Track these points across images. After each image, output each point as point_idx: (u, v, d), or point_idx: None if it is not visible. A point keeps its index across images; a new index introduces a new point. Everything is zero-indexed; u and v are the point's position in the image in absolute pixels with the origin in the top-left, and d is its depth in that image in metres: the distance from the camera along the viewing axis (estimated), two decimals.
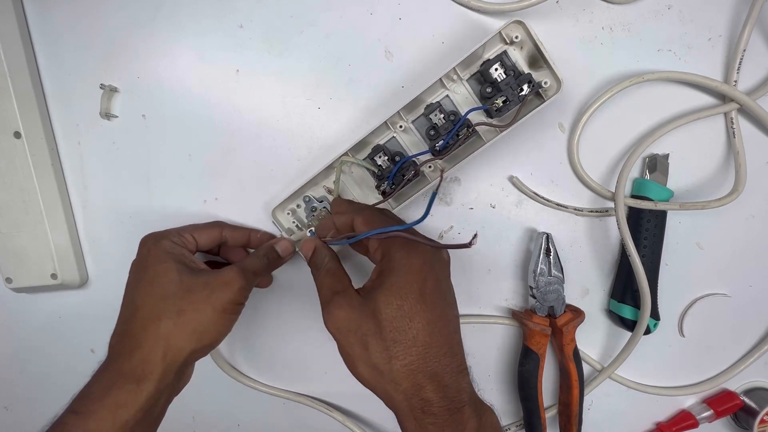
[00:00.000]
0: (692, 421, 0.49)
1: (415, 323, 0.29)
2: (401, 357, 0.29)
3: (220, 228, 0.41)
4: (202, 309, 0.34)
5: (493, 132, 0.39)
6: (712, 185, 0.44)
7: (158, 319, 0.33)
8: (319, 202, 0.43)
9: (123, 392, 0.32)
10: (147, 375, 0.33)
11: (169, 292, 0.34)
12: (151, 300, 0.34)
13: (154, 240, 0.37)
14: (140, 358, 0.33)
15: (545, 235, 0.44)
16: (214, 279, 0.35)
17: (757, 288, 0.47)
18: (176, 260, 0.36)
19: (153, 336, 0.33)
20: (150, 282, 0.35)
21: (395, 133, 0.41)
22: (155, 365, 0.33)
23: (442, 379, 0.29)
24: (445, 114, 0.39)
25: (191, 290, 0.34)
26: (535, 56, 0.38)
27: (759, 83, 0.42)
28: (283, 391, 0.50)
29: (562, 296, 0.44)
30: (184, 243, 0.38)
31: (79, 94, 0.44)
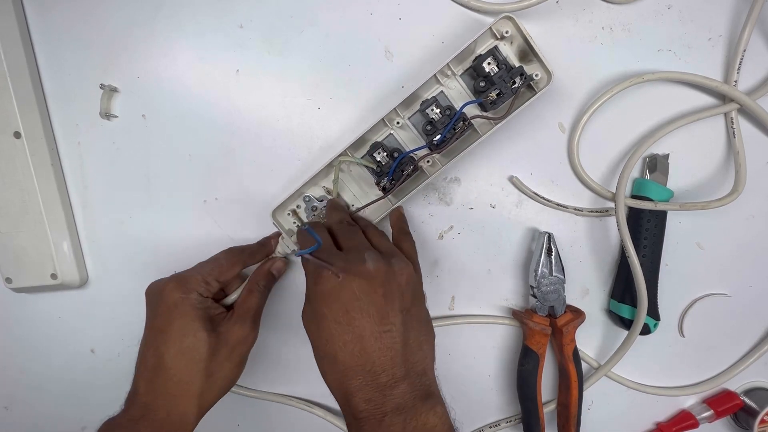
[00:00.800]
0: (692, 421, 0.49)
1: (333, 345, 0.31)
2: (329, 372, 0.32)
3: (243, 263, 0.41)
4: (226, 367, 0.38)
5: (489, 125, 0.40)
6: (712, 185, 0.44)
7: (192, 381, 0.36)
8: (319, 202, 0.43)
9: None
10: (184, 427, 0.36)
11: (201, 356, 0.36)
12: (183, 361, 0.36)
13: (181, 292, 0.38)
14: (179, 415, 0.36)
15: (547, 234, 0.44)
16: (232, 337, 0.38)
17: (757, 288, 0.47)
18: (203, 318, 0.37)
19: (189, 396, 0.36)
20: (179, 339, 0.37)
21: (392, 130, 0.41)
22: (191, 419, 0.37)
23: (366, 393, 0.30)
24: (441, 109, 0.39)
25: (217, 350, 0.37)
26: (525, 50, 0.39)
27: (759, 83, 0.42)
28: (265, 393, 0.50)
29: (562, 296, 0.44)
30: (209, 292, 0.39)
31: (79, 94, 0.44)
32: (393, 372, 0.31)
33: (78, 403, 0.53)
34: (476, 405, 0.50)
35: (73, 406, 0.53)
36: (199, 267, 0.40)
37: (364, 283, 0.31)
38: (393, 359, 0.31)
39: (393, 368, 0.31)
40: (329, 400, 0.50)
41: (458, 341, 0.48)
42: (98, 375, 0.52)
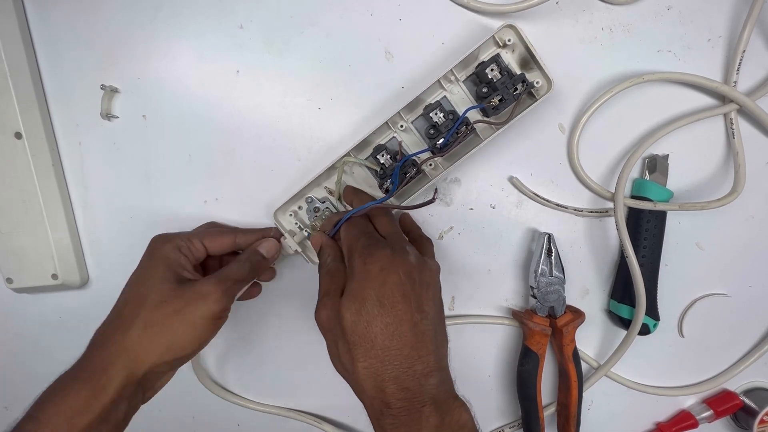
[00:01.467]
0: (692, 421, 0.49)
1: (373, 327, 0.30)
2: (361, 359, 0.30)
3: (233, 236, 0.40)
4: (170, 322, 0.33)
5: (490, 129, 0.40)
6: (711, 186, 0.44)
7: (127, 328, 0.33)
8: (321, 203, 0.43)
9: (79, 398, 0.31)
10: (105, 384, 0.32)
11: (146, 301, 0.34)
12: (127, 308, 0.34)
13: (160, 242, 0.37)
14: (101, 365, 0.32)
15: (547, 235, 0.44)
16: (189, 291, 0.34)
17: (757, 288, 0.47)
18: (166, 267, 0.35)
19: (118, 344, 0.33)
20: (133, 286, 0.35)
21: (396, 133, 0.41)
22: (115, 374, 0.32)
23: (403, 382, 0.30)
24: (445, 113, 0.39)
25: (165, 301, 0.34)
26: (526, 58, 0.39)
27: (759, 84, 0.42)
28: (272, 407, 0.51)
29: (562, 297, 0.44)
30: (190, 250, 0.38)
31: (79, 95, 0.45)
32: (428, 360, 0.31)
33: None
34: (476, 405, 0.49)
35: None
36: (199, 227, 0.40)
37: (408, 270, 0.32)
38: (427, 347, 0.31)
39: (428, 356, 0.31)
40: (337, 414, 0.51)
41: (458, 341, 0.48)
42: None
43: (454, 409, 0.30)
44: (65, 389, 0.32)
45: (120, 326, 0.34)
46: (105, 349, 0.33)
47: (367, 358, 0.30)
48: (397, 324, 0.30)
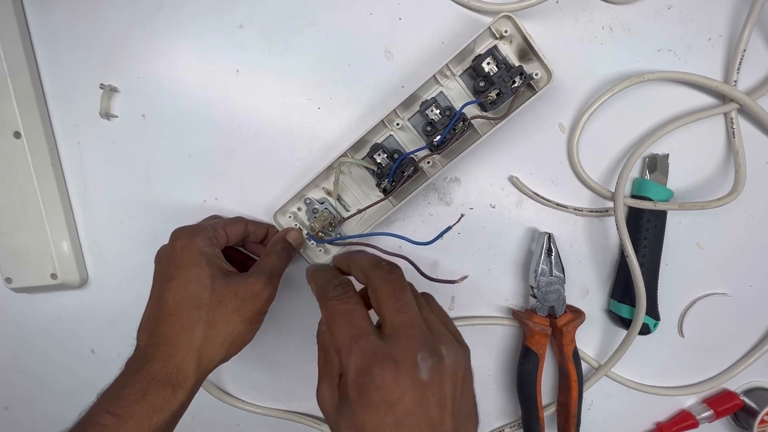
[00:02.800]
0: (692, 421, 0.49)
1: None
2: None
3: (245, 223, 0.41)
4: (233, 320, 0.35)
5: (489, 125, 0.40)
6: (711, 185, 0.44)
7: (192, 329, 0.34)
8: (320, 204, 0.43)
9: (159, 398, 0.32)
10: (181, 383, 0.33)
11: (203, 301, 0.34)
12: (184, 307, 0.34)
13: (188, 236, 0.36)
14: (175, 366, 0.33)
15: (547, 235, 0.44)
16: (244, 289, 0.35)
17: (757, 288, 0.47)
18: (209, 263, 0.35)
19: (187, 345, 0.34)
20: (182, 285, 0.35)
21: (392, 131, 0.41)
22: (190, 374, 0.34)
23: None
24: (441, 109, 0.39)
25: (223, 300, 0.35)
26: (524, 49, 0.39)
27: (759, 83, 0.42)
28: (271, 410, 0.51)
29: (562, 296, 0.44)
30: (217, 240, 0.38)
31: (79, 94, 0.44)
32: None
33: (78, 403, 0.52)
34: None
35: (73, 406, 0.52)
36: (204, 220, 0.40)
37: (418, 394, 0.26)
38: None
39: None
40: None
41: None
42: (98, 375, 0.51)
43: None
44: (143, 386, 0.32)
45: (184, 327, 0.34)
46: (175, 350, 0.34)
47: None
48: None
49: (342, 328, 0.29)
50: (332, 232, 0.43)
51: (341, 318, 0.30)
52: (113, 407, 0.32)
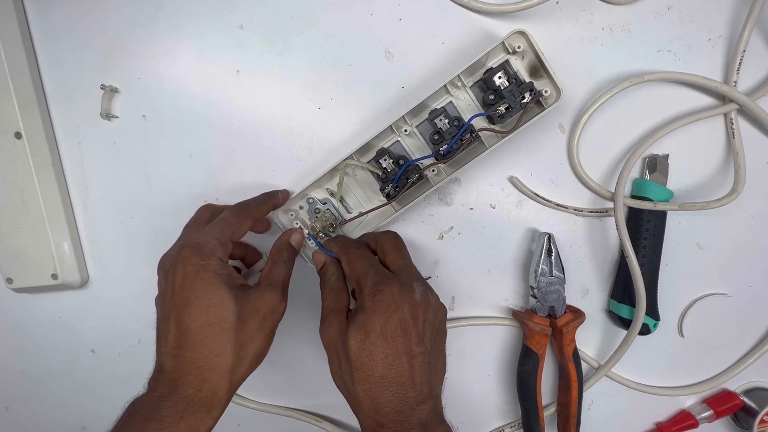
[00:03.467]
0: (692, 421, 0.49)
1: (374, 357, 0.33)
2: (361, 383, 0.33)
3: (251, 217, 0.40)
4: (258, 338, 0.36)
5: (495, 137, 0.40)
6: (711, 185, 0.44)
7: (223, 353, 0.35)
8: (322, 204, 0.43)
9: (195, 419, 0.33)
10: (216, 403, 0.35)
11: (230, 325, 0.35)
12: (211, 332, 0.35)
13: (199, 258, 0.35)
14: (210, 389, 0.34)
15: (547, 235, 0.44)
16: (263, 306, 0.36)
17: (757, 288, 0.47)
18: (228, 285, 0.35)
19: (220, 369, 0.35)
20: (205, 311, 0.35)
21: (400, 137, 0.41)
22: (223, 395, 0.35)
23: (396, 405, 0.33)
24: (450, 119, 0.39)
25: (247, 320, 0.35)
26: (536, 66, 0.39)
27: (759, 84, 0.42)
28: (271, 406, 0.51)
29: (562, 296, 0.44)
30: (226, 255, 0.37)
31: (79, 95, 0.45)
32: (421, 389, 0.34)
33: (78, 403, 0.53)
34: (476, 405, 0.50)
35: (73, 406, 0.53)
36: (209, 230, 0.38)
37: (412, 307, 0.34)
38: (422, 377, 0.34)
39: (421, 386, 0.34)
40: (336, 413, 0.52)
41: (458, 341, 0.48)
42: (98, 375, 0.52)
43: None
44: (179, 409, 0.33)
45: (214, 352, 0.35)
46: (209, 374, 0.34)
47: (367, 382, 0.33)
48: (396, 355, 0.33)
49: (361, 262, 0.37)
50: (333, 233, 0.43)
51: (360, 257, 0.38)
52: (150, 429, 0.32)
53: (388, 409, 0.33)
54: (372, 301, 0.34)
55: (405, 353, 0.33)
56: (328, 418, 0.51)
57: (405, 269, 0.37)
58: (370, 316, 0.34)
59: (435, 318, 0.36)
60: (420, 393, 0.33)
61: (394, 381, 0.33)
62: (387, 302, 0.34)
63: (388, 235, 0.41)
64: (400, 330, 0.34)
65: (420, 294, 0.35)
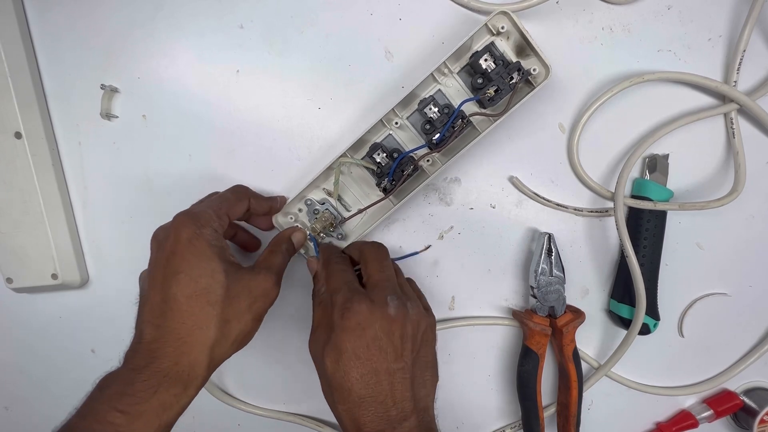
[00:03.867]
0: (692, 421, 0.49)
1: (350, 377, 0.32)
2: (341, 403, 0.33)
3: (248, 199, 0.40)
4: (245, 318, 0.35)
5: (488, 122, 0.40)
6: (711, 185, 0.44)
7: (206, 327, 0.33)
8: (320, 205, 0.43)
9: (169, 395, 0.32)
10: (192, 380, 0.33)
11: (217, 298, 0.34)
12: (197, 303, 0.33)
13: (194, 226, 0.34)
14: (188, 364, 0.33)
15: (547, 235, 0.44)
16: (256, 286, 0.36)
17: (757, 288, 0.47)
18: (221, 257, 0.34)
19: (201, 343, 0.33)
20: (194, 280, 0.33)
21: (391, 131, 0.41)
22: (201, 371, 0.33)
23: (378, 425, 0.32)
24: (440, 107, 0.39)
25: (236, 297, 0.34)
26: (522, 45, 0.38)
27: (759, 83, 0.42)
28: (272, 411, 0.51)
29: (562, 296, 0.44)
30: (223, 228, 0.36)
31: (79, 95, 0.45)
32: (403, 406, 0.33)
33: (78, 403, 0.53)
34: (476, 406, 0.50)
35: (73, 406, 0.53)
36: (207, 202, 0.38)
37: (385, 324, 0.33)
38: (403, 394, 0.33)
39: (403, 402, 0.33)
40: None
41: (458, 341, 0.48)
42: (98, 375, 0.51)
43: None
44: (153, 384, 0.32)
45: (197, 324, 0.33)
46: (188, 347, 0.33)
47: (346, 402, 0.33)
48: (372, 374, 0.32)
49: (337, 278, 0.37)
50: (333, 232, 0.43)
51: (337, 273, 0.37)
52: (122, 405, 0.31)
53: (370, 429, 0.32)
54: (341, 320, 0.33)
55: (382, 371, 0.33)
56: (330, 423, 0.51)
57: (381, 283, 0.36)
58: (340, 335, 0.33)
59: (416, 330, 0.35)
60: (402, 410, 0.33)
61: (373, 400, 0.32)
62: (356, 321, 0.33)
63: (372, 246, 0.40)
64: (374, 348, 0.33)
65: (395, 308, 0.34)
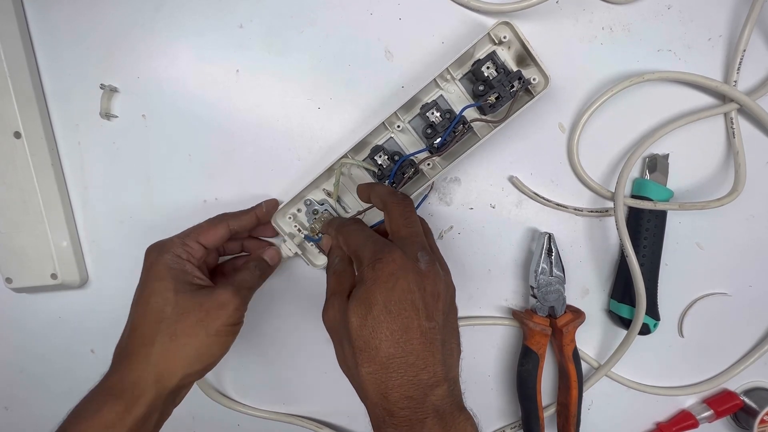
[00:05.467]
0: (692, 421, 0.49)
1: (378, 334, 0.29)
2: (365, 365, 0.30)
3: (225, 223, 0.40)
4: (196, 333, 0.34)
5: (488, 128, 0.40)
6: (711, 185, 0.44)
7: (151, 343, 0.34)
8: (320, 205, 0.43)
9: (111, 413, 0.32)
10: (137, 398, 0.33)
11: (165, 315, 0.34)
12: (146, 321, 0.34)
13: (157, 253, 0.36)
14: (131, 381, 0.33)
15: (547, 235, 0.44)
16: (208, 300, 0.35)
17: (757, 288, 0.47)
18: (175, 278, 0.35)
19: (145, 359, 0.33)
20: (146, 301, 0.35)
21: (393, 134, 0.41)
22: (146, 388, 0.33)
23: (407, 391, 0.29)
24: (441, 112, 0.39)
25: (186, 312, 0.34)
26: (522, 55, 0.39)
27: (759, 83, 0.42)
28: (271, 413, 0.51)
29: (562, 296, 0.44)
30: (189, 254, 0.37)
31: (79, 94, 0.44)
32: (435, 370, 0.30)
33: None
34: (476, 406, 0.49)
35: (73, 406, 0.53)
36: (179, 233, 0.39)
37: (418, 278, 0.31)
38: (434, 356, 0.30)
39: (435, 366, 0.30)
40: (336, 419, 0.51)
41: None
42: (98, 375, 0.51)
43: (458, 423, 0.29)
44: (97, 405, 0.32)
45: (143, 342, 0.34)
46: (133, 365, 0.33)
47: (371, 364, 0.30)
48: (404, 331, 0.30)
49: (357, 236, 0.35)
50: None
51: (356, 232, 0.35)
52: (66, 423, 0.32)
53: (398, 394, 0.29)
54: (372, 272, 0.31)
55: (414, 329, 0.30)
56: (328, 423, 0.51)
57: (410, 238, 0.33)
58: (371, 288, 0.30)
59: (446, 292, 0.32)
60: (434, 375, 0.30)
61: (403, 361, 0.29)
62: (388, 271, 0.30)
63: (397, 198, 0.36)
64: (406, 302, 0.30)
65: (426, 263, 0.32)
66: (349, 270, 0.36)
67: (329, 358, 0.49)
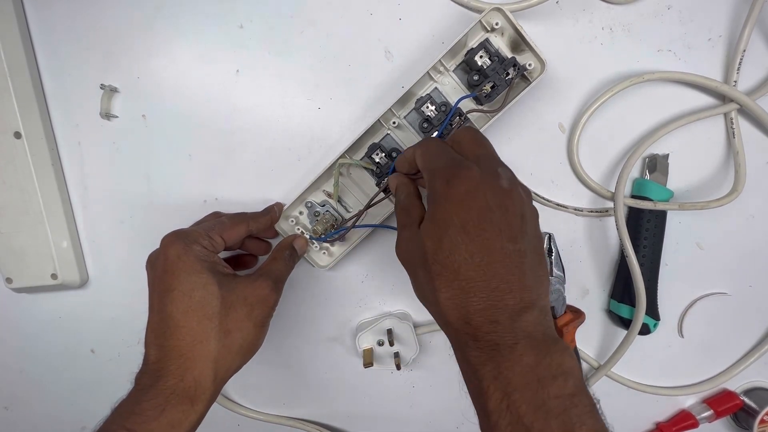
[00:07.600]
0: (692, 421, 0.49)
1: (456, 256, 0.27)
2: (444, 290, 0.28)
3: (246, 223, 0.40)
4: (246, 327, 0.35)
5: (485, 118, 0.40)
6: (711, 185, 0.44)
7: (206, 340, 0.33)
8: (321, 207, 0.43)
9: (177, 412, 0.32)
10: (200, 395, 0.33)
11: (213, 310, 0.34)
12: (194, 318, 0.33)
13: (183, 243, 0.35)
14: (193, 379, 0.33)
15: (547, 235, 0.44)
16: (252, 294, 0.35)
17: (757, 288, 0.47)
18: (212, 270, 0.34)
19: (203, 357, 0.33)
20: (188, 295, 0.33)
21: (389, 130, 0.41)
22: (208, 385, 0.33)
23: (491, 315, 0.27)
24: (437, 105, 0.39)
25: (233, 307, 0.34)
26: (517, 41, 0.39)
27: (759, 83, 0.42)
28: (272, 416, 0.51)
29: (563, 296, 0.44)
30: (214, 247, 0.36)
31: (79, 94, 0.44)
32: (522, 295, 0.27)
33: (78, 403, 0.53)
34: None
35: (73, 406, 0.53)
36: (200, 223, 0.38)
37: (498, 196, 0.28)
38: (521, 280, 0.27)
39: (521, 291, 0.27)
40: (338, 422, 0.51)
41: None
42: (98, 375, 0.52)
43: (554, 352, 0.26)
44: (160, 402, 0.32)
45: (197, 339, 0.33)
46: (188, 363, 0.33)
47: (450, 288, 0.27)
48: (484, 253, 0.27)
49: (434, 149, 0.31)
50: (335, 233, 0.43)
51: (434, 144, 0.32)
52: (130, 423, 0.31)
53: (481, 318, 0.26)
54: (446, 188, 0.28)
55: (496, 250, 0.27)
56: (329, 426, 0.51)
57: (485, 157, 0.30)
58: (445, 206, 0.28)
59: (531, 214, 0.30)
60: (521, 300, 0.27)
61: (485, 285, 0.27)
62: (464, 188, 0.28)
63: (463, 128, 0.34)
64: (485, 222, 0.27)
65: (507, 180, 0.29)
66: (418, 203, 0.33)
67: (330, 360, 0.49)
